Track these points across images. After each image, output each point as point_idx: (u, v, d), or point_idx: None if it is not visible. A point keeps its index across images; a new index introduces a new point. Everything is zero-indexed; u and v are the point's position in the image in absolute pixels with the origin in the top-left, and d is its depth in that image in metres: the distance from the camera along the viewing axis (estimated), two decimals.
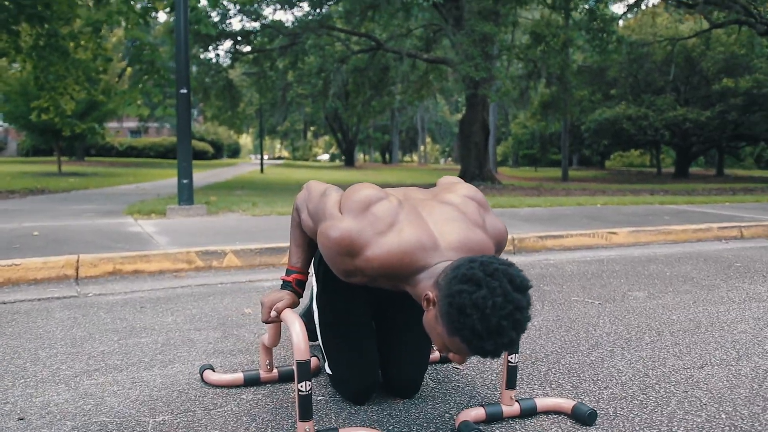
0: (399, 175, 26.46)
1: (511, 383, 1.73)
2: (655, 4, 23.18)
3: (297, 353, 1.49)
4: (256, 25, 18.64)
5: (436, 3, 14.69)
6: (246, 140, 71.66)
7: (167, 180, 16.34)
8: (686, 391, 1.96)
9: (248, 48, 19.36)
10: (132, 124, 42.32)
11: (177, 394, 1.92)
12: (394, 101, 31.80)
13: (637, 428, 1.69)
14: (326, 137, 60.31)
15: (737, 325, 2.73)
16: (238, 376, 1.98)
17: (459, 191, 1.66)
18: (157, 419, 1.74)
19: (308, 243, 1.73)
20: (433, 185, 1.85)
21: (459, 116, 56.45)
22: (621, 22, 23.44)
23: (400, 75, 21.63)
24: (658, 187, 17.46)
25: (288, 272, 1.74)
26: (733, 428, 1.69)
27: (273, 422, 1.72)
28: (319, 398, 1.90)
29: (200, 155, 39.90)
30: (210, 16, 14.77)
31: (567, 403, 1.76)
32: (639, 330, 2.66)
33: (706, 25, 22.18)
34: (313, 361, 2.09)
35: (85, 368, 2.14)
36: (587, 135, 30.01)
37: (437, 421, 1.74)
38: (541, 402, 1.78)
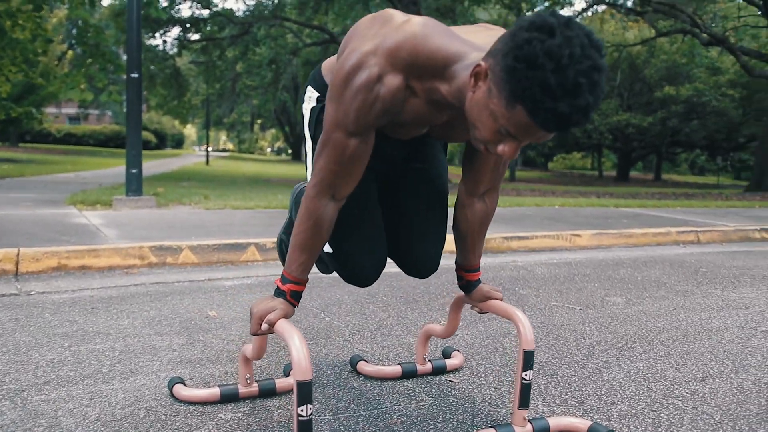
0: None
1: (524, 402, 1.57)
2: (604, 10, 23.65)
3: (297, 372, 1.29)
4: (206, 12, 18.07)
5: None
6: (190, 131, 69.89)
7: (109, 169, 15.65)
8: (695, 408, 1.85)
9: (197, 36, 18.77)
10: (71, 110, 40.64)
11: (144, 413, 1.68)
12: None
13: None
14: (273, 130, 59.39)
15: (723, 334, 2.67)
16: (214, 392, 1.76)
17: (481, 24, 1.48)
18: None
19: (317, 246, 1.47)
20: None
21: None
22: None
23: None
24: (602, 189, 17.81)
25: (284, 279, 1.50)
26: None
27: None
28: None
29: (143, 145, 38.59)
30: (159, 0, 14.18)
31: (583, 424, 1.62)
32: (628, 338, 2.56)
33: (650, 33, 22.83)
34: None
35: (33, 381, 1.88)
36: None
37: None
38: (555, 422, 1.63)
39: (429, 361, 2.06)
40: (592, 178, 31.58)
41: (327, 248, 1.63)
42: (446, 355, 2.17)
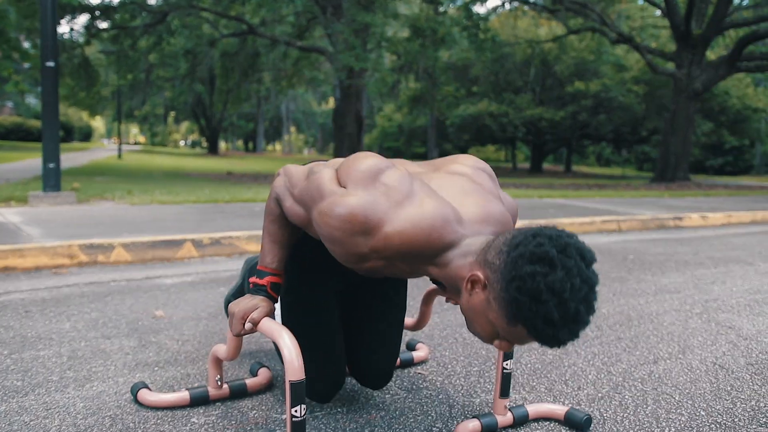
0: (266, 164, 25.83)
1: (505, 392, 1.59)
2: (517, 6, 24.34)
3: (290, 372, 1.24)
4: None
5: None
6: (98, 123, 66.66)
7: (14, 164, 14.70)
8: (656, 389, 1.93)
9: (106, 24, 17.86)
10: None
11: (110, 422, 1.59)
12: (262, 89, 30.97)
13: (630, 430, 1.62)
14: (187, 123, 57.57)
15: (664, 318, 2.81)
16: (183, 395, 1.68)
17: (466, 162, 1.45)
18: None
19: (288, 238, 1.45)
20: None
21: (325, 107, 56.29)
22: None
23: (271, 62, 21.03)
24: (519, 181, 18.35)
25: (260, 274, 1.45)
26: (717, 426, 1.67)
27: None
28: (283, 417, 1.65)
29: None
30: None
31: (560, 409, 1.66)
32: None
33: (561, 30, 23.70)
34: (264, 373, 1.83)
35: None
36: (452, 130, 31.03)
37: None
38: (533, 409, 1.66)
39: None
40: (506, 170, 32.48)
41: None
42: (411, 347, 2.17)
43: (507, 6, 21.30)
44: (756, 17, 16.14)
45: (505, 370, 1.59)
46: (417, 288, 3.24)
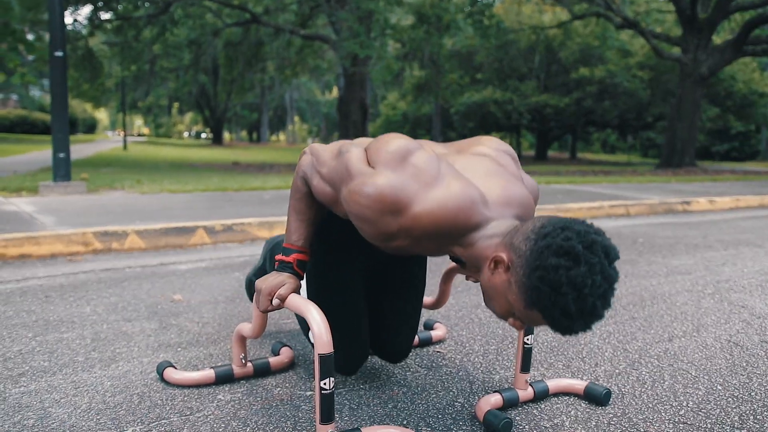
0: (271, 154, 25.83)
1: (525, 366, 1.62)
2: None
3: (319, 345, 1.27)
4: None
5: None
6: (102, 115, 66.70)
7: (18, 156, 14.74)
8: (672, 365, 1.95)
9: (110, 15, 17.84)
10: None
11: (138, 399, 1.62)
12: (266, 78, 30.89)
13: (649, 405, 1.64)
14: (191, 114, 57.56)
15: (676, 298, 2.82)
16: (209, 373, 1.71)
17: (490, 144, 1.46)
18: None
19: (314, 216, 1.47)
20: None
21: (329, 96, 56.15)
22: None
23: (275, 51, 20.99)
24: (525, 168, 18.35)
25: (287, 251, 1.48)
26: (734, 399, 1.69)
27: (269, 425, 1.49)
28: (307, 393, 1.68)
29: None
30: None
31: (579, 384, 1.68)
32: None
33: (565, 16, 23.56)
34: (286, 352, 1.86)
35: (5, 373, 1.77)
36: (456, 117, 30.94)
37: (450, 410, 1.59)
38: (553, 384, 1.69)
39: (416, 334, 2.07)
40: None
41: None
42: (429, 327, 2.19)
43: None
44: (762, 0, 16.02)
45: (526, 345, 1.61)
46: (436, 266, 3.27)
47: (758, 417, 1.59)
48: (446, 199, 1.23)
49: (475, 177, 1.33)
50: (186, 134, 71.04)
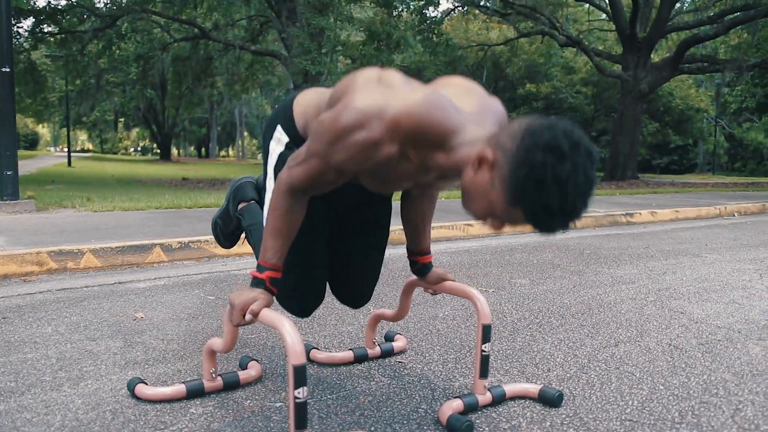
0: (221, 170, 25.62)
1: (484, 372, 1.72)
2: (468, 10, 24.74)
3: (292, 357, 1.34)
4: (64, 2, 16.85)
5: None
6: (44, 131, 64.80)
7: None
8: (618, 368, 2.09)
9: (54, 28, 17.45)
10: None
11: (111, 415, 1.65)
12: (215, 93, 30.61)
13: (598, 405, 1.77)
14: (137, 129, 56.46)
15: (621, 306, 2.99)
16: (180, 388, 1.75)
17: (458, 78, 1.51)
18: None
19: (292, 233, 1.51)
20: None
21: None
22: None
23: (224, 66, 20.88)
24: None
25: (260, 268, 1.52)
26: (674, 398, 1.84)
27: None
28: (277, 404, 1.75)
29: None
30: None
31: (534, 388, 1.80)
32: (543, 314, 2.80)
33: (512, 33, 24.21)
34: (254, 365, 1.92)
35: None
36: None
37: (414, 416, 1.68)
38: (510, 388, 1.80)
39: (378, 345, 2.16)
40: None
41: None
42: (390, 338, 2.28)
43: (459, 10, 21.69)
44: (696, 21, 16.87)
45: (483, 353, 1.71)
46: (394, 279, 3.36)
47: (696, 413, 1.73)
48: (419, 100, 1.28)
49: (450, 94, 1.37)
50: (132, 150, 69.61)
